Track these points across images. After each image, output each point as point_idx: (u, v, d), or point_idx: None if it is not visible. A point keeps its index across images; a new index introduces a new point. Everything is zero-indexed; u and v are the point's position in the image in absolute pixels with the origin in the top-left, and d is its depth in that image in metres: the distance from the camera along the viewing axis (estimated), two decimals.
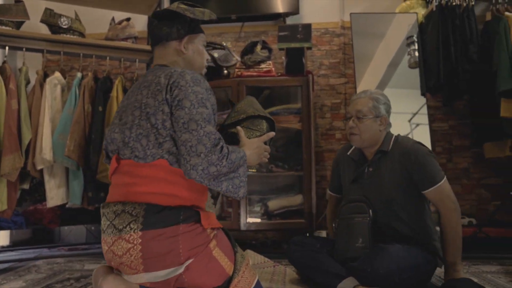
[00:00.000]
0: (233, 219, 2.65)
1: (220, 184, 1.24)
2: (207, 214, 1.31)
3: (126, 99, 1.39)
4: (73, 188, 2.60)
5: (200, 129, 1.21)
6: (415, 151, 1.71)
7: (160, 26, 1.42)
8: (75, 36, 2.71)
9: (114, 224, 1.23)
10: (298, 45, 2.94)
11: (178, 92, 1.25)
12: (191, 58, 1.45)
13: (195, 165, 1.18)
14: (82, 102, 2.59)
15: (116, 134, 1.32)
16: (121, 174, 1.29)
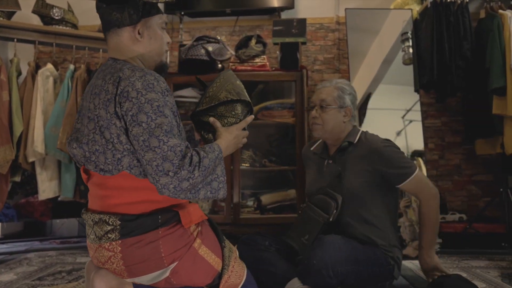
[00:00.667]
0: (226, 213, 2.65)
1: (197, 193, 1.16)
2: (187, 211, 1.26)
3: (83, 100, 1.27)
4: (65, 181, 2.59)
5: (163, 145, 1.09)
6: (386, 149, 1.63)
7: (109, 10, 1.24)
8: (68, 28, 2.69)
9: (95, 232, 1.22)
10: (292, 40, 2.92)
11: (129, 106, 1.11)
12: (148, 45, 1.28)
13: (165, 184, 1.09)
14: (74, 95, 2.57)
15: (75, 150, 1.24)
16: (94, 185, 1.25)
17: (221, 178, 1.23)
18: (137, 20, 1.26)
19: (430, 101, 3.29)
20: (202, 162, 1.14)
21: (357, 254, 1.48)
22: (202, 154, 1.16)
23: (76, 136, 1.25)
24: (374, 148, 1.62)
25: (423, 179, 1.64)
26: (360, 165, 1.62)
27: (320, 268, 1.37)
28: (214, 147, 1.24)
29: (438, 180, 3.28)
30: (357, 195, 1.62)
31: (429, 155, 3.28)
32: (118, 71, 1.18)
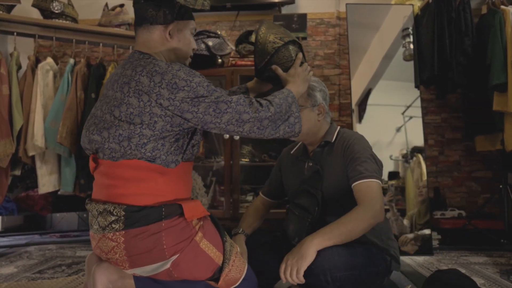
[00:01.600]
0: (225, 208, 2.64)
1: (278, 129, 1.30)
2: (190, 205, 1.28)
3: (106, 90, 1.31)
4: (65, 175, 2.59)
5: (230, 103, 1.22)
6: (354, 143, 1.55)
7: (145, 6, 1.29)
8: (68, 22, 2.68)
9: (98, 222, 1.23)
10: (293, 35, 2.91)
11: (185, 94, 1.19)
12: (176, 47, 1.33)
13: (250, 129, 1.25)
14: (74, 89, 2.57)
15: (94, 136, 1.25)
16: (101, 175, 1.27)
17: (296, 114, 1.35)
18: (170, 20, 1.31)
19: (431, 97, 3.29)
20: (273, 101, 1.29)
21: (355, 258, 1.44)
22: (269, 97, 1.31)
23: (94, 122, 1.27)
24: (346, 145, 1.57)
25: (374, 191, 1.42)
26: (338, 164, 1.57)
27: (319, 274, 1.33)
28: (282, 90, 1.37)
29: (437, 176, 3.29)
30: (338, 194, 1.55)
31: (429, 151, 3.28)
32: (150, 64, 1.23)
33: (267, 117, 1.25)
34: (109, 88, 1.28)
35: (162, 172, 1.23)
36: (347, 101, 3.34)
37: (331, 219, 1.44)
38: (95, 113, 1.30)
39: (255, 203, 1.86)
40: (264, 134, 1.28)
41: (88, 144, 1.29)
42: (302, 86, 1.47)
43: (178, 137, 1.26)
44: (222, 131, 1.26)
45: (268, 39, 1.50)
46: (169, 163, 1.24)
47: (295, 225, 1.58)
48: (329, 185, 1.57)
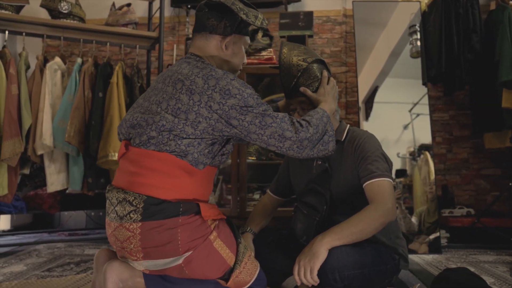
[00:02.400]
0: (232, 206, 2.64)
1: (314, 148, 1.34)
2: (208, 206, 1.30)
3: (157, 82, 1.36)
4: (73, 174, 2.60)
5: (276, 119, 1.27)
6: (365, 141, 1.52)
7: (208, 15, 1.36)
8: (75, 21, 2.69)
9: (117, 211, 1.24)
10: (299, 33, 2.90)
11: (235, 101, 1.25)
12: (229, 59, 1.40)
13: (289, 147, 1.29)
14: (82, 88, 2.58)
15: (139, 120, 1.28)
16: (128, 161, 1.29)
17: (330, 132, 1.40)
18: (229, 33, 1.37)
19: (438, 94, 3.26)
20: (311, 121, 1.33)
21: (364, 257, 1.42)
22: (307, 118, 1.35)
23: (139, 110, 1.32)
24: (356, 144, 1.55)
25: (386, 189, 1.40)
26: (347, 162, 1.55)
27: (327, 273, 1.31)
28: (317, 110, 1.41)
29: (446, 174, 3.26)
30: (347, 193, 1.54)
31: (436, 149, 3.25)
32: (207, 68, 1.29)
33: (306, 137, 1.30)
34: (159, 81, 1.34)
35: (189, 171, 1.25)
36: (354, 98, 3.33)
37: (339, 218, 1.43)
38: (141, 103, 1.34)
39: (263, 201, 1.85)
40: (302, 154, 1.32)
41: (128, 128, 1.32)
42: (333, 103, 1.51)
43: (214, 142, 1.29)
44: (263, 143, 1.30)
45: (291, 63, 1.55)
46: (198, 163, 1.26)
47: (303, 223, 1.57)
48: (338, 184, 1.55)
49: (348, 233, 1.32)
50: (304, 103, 1.57)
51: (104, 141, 2.57)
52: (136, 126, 1.28)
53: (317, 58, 1.57)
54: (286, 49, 1.60)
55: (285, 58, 1.57)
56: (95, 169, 2.62)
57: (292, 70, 1.55)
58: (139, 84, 2.79)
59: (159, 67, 2.84)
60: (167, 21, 3.46)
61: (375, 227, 1.35)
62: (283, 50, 1.60)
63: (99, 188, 2.66)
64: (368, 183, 1.43)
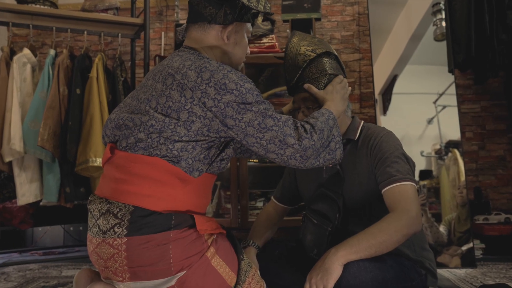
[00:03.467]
0: (232, 216, 2.63)
1: (319, 157, 1.33)
2: (204, 218, 1.29)
3: (146, 79, 1.36)
4: (48, 183, 2.58)
5: (278, 122, 1.25)
6: (382, 140, 1.51)
7: (205, 3, 1.35)
8: (46, 7, 2.67)
9: (99, 225, 1.23)
10: (305, 16, 2.91)
11: (231, 97, 1.23)
12: (231, 50, 1.40)
13: (291, 155, 1.27)
14: (56, 84, 2.56)
15: (126, 121, 1.28)
16: (113, 167, 1.28)
17: (337, 138, 1.39)
18: (230, 21, 1.37)
19: (467, 82, 3.25)
20: (316, 126, 1.31)
21: (385, 273, 1.39)
22: (311, 121, 1.33)
23: (126, 110, 1.32)
24: (372, 143, 1.54)
25: (409, 195, 1.39)
26: (362, 165, 1.54)
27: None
28: (322, 111, 1.39)
29: (478, 174, 3.25)
30: (363, 199, 1.53)
31: (466, 145, 3.24)
32: (201, 60, 1.29)
33: (310, 146, 1.28)
34: (149, 78, 1.34)
35: (182, 178, 1.25)
36: (369, 90, 3.32)
37: (354, 229, 1.43)
38: (129, 102, 1.34)
39: (266, 209, 1.86)
40: (306, 164, 1.30)
41: (113, 129, 1.32)
42: (341, 104, 1.49)
43: (211, 145, 1.28)
44: (261, 149, 1.27)
45: (299, 52, 1.55)
46: (193, 170, 1.26)
47: (313, 234, 1.56)
48: (352, 189, 1.54)
49: (366, 246, 1.30)
50: (308, 100, 1.56)
51: (84, 145, 2.54)
52: (122, 126, 1.28)
53: (329, 51, 1.56)
54: (296, 38, 1.60)
55: (292, 47, 1.58)
56: (73, 177, 2.60)
57: (297, 60, 1.55)
58: (123, 78, 2.79)
59: (145, 58, 2.83)
60: (153, 5, 3.46)
61: (397, 239, 1.32)
62: (292, 39, 1.60)
63: (79, 198, 2.63)
64: (388, 188, 1.42)
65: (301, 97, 1.59)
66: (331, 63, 1.56)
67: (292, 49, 1.57)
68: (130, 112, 1.30)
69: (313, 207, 1.62)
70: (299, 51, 1.55)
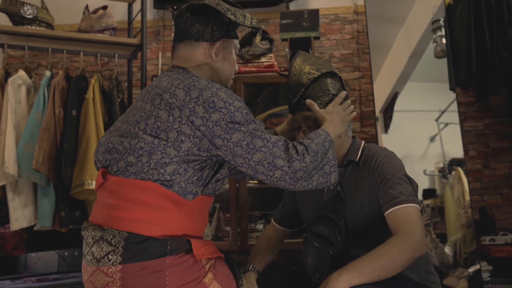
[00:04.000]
0: (232, 239, 2.60)
1: (311, 179, 1.33)
2: (201, 242, 1.29)
3: (137, 101, 1.38)
4: (43, 207, 2.57)
5: (267, 143, 1.25)
6: (383, 161, 1.52)
7: (192, 21, 1.38)
8: (42, 28, 2.69)
9: (93, 252, 1.23)
10: (303, 34, 2.92)
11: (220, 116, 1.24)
12: (219, 67, 1.43)
13: (280, 177, 1.26)
14: (52, 106, 2.57)
15: (116, 144, 1.29)
16: (106, 193, 1.29)
17: (332, 161, 1.39)
18: (217, 38, 1.39)
19: (469, 100, 3.25)
20: (309, 147, 1.31)
21: None
22: (306, 142, 1.33)
23: (116, 134, 1.33)
24: (374, 165, 1.54)
25: (413, 217, 1.39)
26: (364, 186, 1.55)
27: None
28: (319, 132, 1.40)
29: (483, 194, 3.22)
30: (365, 221, 1.53)
31: (470, 164, 3.22)
32: (189, 79, 1.30)
33: (301, 168, 1.27)
34: (139, 99, 1.36)
35: (177, 202, 1.25)
36: (369, 108, 3.31)
37: (357, 252, 1.42)
38: (119, 125, 1.35)
39: (267, 232, 1.85)
40: (296, 186, 1.30)
41: (104, 153, 1.32)
42: (340, 126, 1.50)
43: (204, 166, 1.29)
44: (250, 170, 1.27)
45: (303, 70, 1.58)
46: (187, 194, 1.26)
47: (315, 258, 1.56)
48: (353, 211, 1.55)
49: (369, 270, 1.30)
50: (309, 119, 1.58)
51: (80, 167, 2.54)
52: (113, 150, 1.29)
53: (333, 71, 1.59)
54: (300, 58, 1.63)
55: (297, 65, 1.61)
56: (68, 200, 2.58)
57: (301, 78, 1.57)
58: (119, 99, 2.79)
59: (142, 79, 2.83)
60: (150, 25, 3.47)
61: (401, 263, 1.32)
62: (297, 58, 1.63)
63: (74, 223, 2.62)
64: (391, 211, 1.42)
65: (303, 115, 1.60)
66: (335, 84, 1.58)
67: (296, 67, 1.60)
68: (120, 135, 1.31)
69: (314, 229, 1.61)
70: (304, 69, 1.58)
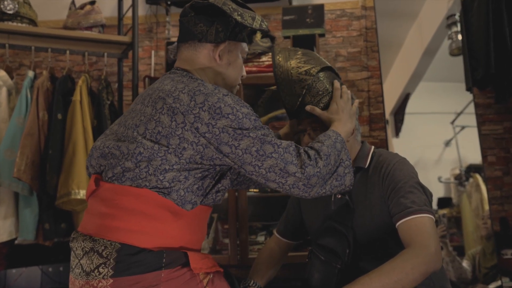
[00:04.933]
0: (231, 252, 2.61)
1: (325, 184, 1.33)
2: (199, 255, 1.29)
3: (135, 104, 1.39)
4: (25, 219, 2.55)
5: (278, 149, 1.26)
6: (395, 169, 1.53)
7: (195, 20, 1.39)
8: (24, 24, 2.68)
9: (82, 265, 1.23)
10: (307, 31, 2.94)
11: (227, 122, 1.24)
12: (224, 71, 1.43)
13: (293, 184, 1.27)
14: (35, 109, 2.56)
15: (112, 149, 1.29)
16: (99, 200, 1.29)
17: (346, 162, 1.39)
18: (222, 39, 1.40)
19: (488, 101, 3.23)
20: (321, 151, 1.31)
21: None
22: (316, 145, 1.33)
23: (113, 138, 1.33)
24: (384, 172, 1.54)
25: (427, 229, 1.40)
26: (374, 195, 1.55)
27: None
28: (328, 134, 1.40)
29: (503, 203, 3.20)
30: (375, 233, 1.54)
31: (489, 170, 3.20)
32: (194, 83, 1.31)
33: (314, 173, 1.27)
34: (138, 102, 1.36)
35: (174, 211, 1.25)
36: (379, 111, 3.31)
37: (366, 266, 1.44)
38: (116, 129, 1.36)
39: (269, 245, 1.87)
40: (311, 193, 1.30)
41: (98, 158, 1.33)
42: (349, 123, 1.51)
43: (205, 175, 1.29)
44: (261, 178, 1.27)
45: (291, 78, 1.55)
46: (185, 203, 1.26)
47: (321, 272, 1.56)
48: (363, 222, 1.56)
49: (379, 286, 1.29)
50: (315, 122, 1.58)
51: (66, 175, 2.52)
52: (108, 155, 1.29)
53: (322, 65, 1.58)
54: (280, 58, 1.60)
55: (282, 72, 1.57)
56: (53, 211, 2.57)
57: (294, 88, 1.55)
58: (109, 102, 2.78)
59: (134, 79, 2.83)
60: (142, 21, 3.47)
61: (414, 278, 1.32)
62: (276, 60, 1.60)
63: (59, 235, 2.60)
64: (403, 221, 1.43)
65: (308, 121, 1.60)
66: (328, 77, 1.57)
67: (282, 75, 1.57)
68: (117, 139, 1.31)
69: (320, 242, 1.61)
70: (292, 77, 1.55)
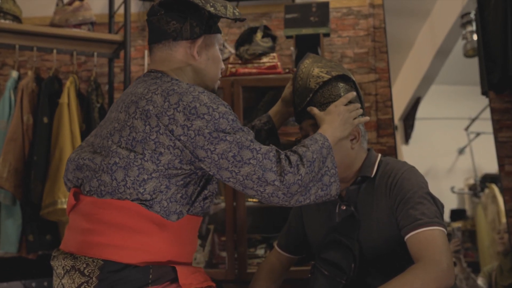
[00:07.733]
0: (228, 267, 2.61)
1: (308, 193, 1.32)
2: (189, 269, 1.30)
3: (110, 112, 1.39)
4: (6, 230, 2.56)
5: (256, 155, 1.25)
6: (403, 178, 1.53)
7: (167, 18, 1.39)
8: (7, 21, 2.68)
9: (63, 284, 1.24)
10: (311, 31, 2.94)
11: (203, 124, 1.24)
12: (204, 67, 1.44)
13: (273, 193, 1.26)
14: (19, 112, 2.57)
15: (86, 161, 1.29)
16: (79, 215, 1.29)
17: (332, 170, 1.38)
18: (198, 35, 1.40)
19: (505, 106, 3.20)
20: (304, 157, 1.30)
21: None
22: (300, 150, 1.32)
23: (88, 150, 1.34)
24: (392, 181, 1.55)
25: (438, 242, 1.40)
26: (381, 206, 1.55)
27: None
28: (315, 137, 1.39)
29: None
30: (383, 246, 1.55)
31: (506, 180, 3.17)
32: (168, 83, 1.32)
33: (295, 182, 1.26)
34: (113, 110, 1.37)
35: (159, 223, 1.25)
36: (387, 116, 3.29)
37: (373, 282, 1.45)
38: (92, 140, 1.37)
39: (269, 260, 1.87)
40: (291, 201, 1.30)
41: (75, 172, 1.33)
42: (340, 130, 1.48)
43: (188, 181, 1.29)
44: (238, 185, 1.27)
45: (311, 73, 1.59)
46: (170, 214, 1.27)
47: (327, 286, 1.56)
48: (369, 235, 1.56)
49: None
50: (317, 127, 1.58)
51: (51, 183, 2.53)
52: (84, 167, 1.30)
53: (346, 74, 1.60)
54: (309, 60, 1.65)
55: (305, 68, 1.62)
56: (38, 222, 2.57)
57: (309, 83, 1.58)
58: (99, 105, 2.79)
59: (125, 81, 2.83)
60: (135, 19, 3.47)
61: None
62: (305, 60, 1.65)
63: (44, 248, 2.61)
64: (412, 234, 1.43)
65: (310, 123, 1.61)
66: (348, 90, 1.58)
67: (304, 70, 1.61)
68: (92, 151, 1.31)
69: (323, 256, 1.62)
70: (312, 72, 1.59)
